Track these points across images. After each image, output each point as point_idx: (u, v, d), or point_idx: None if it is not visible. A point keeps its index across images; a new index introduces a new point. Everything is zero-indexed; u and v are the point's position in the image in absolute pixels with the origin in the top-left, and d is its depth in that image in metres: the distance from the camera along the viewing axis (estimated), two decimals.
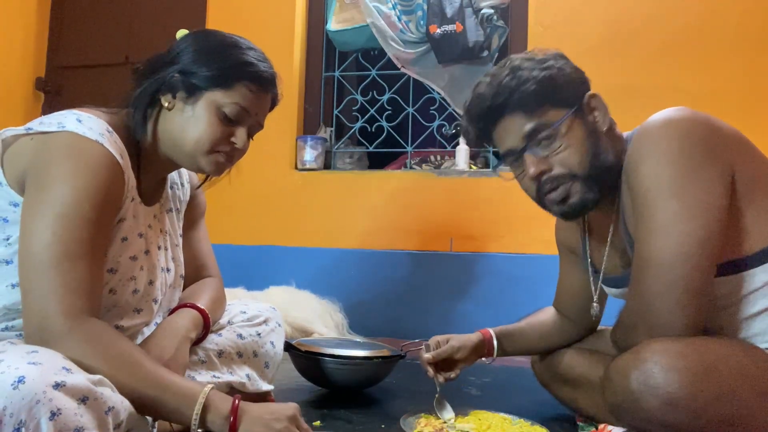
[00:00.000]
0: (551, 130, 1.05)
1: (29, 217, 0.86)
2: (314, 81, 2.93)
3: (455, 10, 2.56)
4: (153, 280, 1.06)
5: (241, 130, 1.03)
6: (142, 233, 1.04)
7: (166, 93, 1.01)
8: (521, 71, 1.07)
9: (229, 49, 1.02)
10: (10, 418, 0.67)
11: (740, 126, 1.05)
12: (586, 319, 1.37)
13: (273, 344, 1.30)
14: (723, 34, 2.38)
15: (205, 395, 0.85)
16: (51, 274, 0.83)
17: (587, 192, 1.07)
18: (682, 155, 0.96)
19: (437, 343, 1.34)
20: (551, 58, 1.10)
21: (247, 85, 1.01)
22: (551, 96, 1.06)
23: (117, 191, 0.93)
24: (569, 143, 1.06)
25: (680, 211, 0.95)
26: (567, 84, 1.08)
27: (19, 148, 0.91)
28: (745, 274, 0.99)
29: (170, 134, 1.02)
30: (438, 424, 1.17)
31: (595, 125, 1.09)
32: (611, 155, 1.08)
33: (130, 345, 0.87)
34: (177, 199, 1.19)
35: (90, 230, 0.87)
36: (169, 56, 1.03)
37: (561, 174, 1.06)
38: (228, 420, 0.85)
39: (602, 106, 1.11)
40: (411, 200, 2.64)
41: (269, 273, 2.61)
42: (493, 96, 1.08)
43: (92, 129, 0.91)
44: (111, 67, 3.08)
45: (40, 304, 0.82)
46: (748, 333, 1.01)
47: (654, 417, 0.90)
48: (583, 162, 1.06)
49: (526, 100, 1.05)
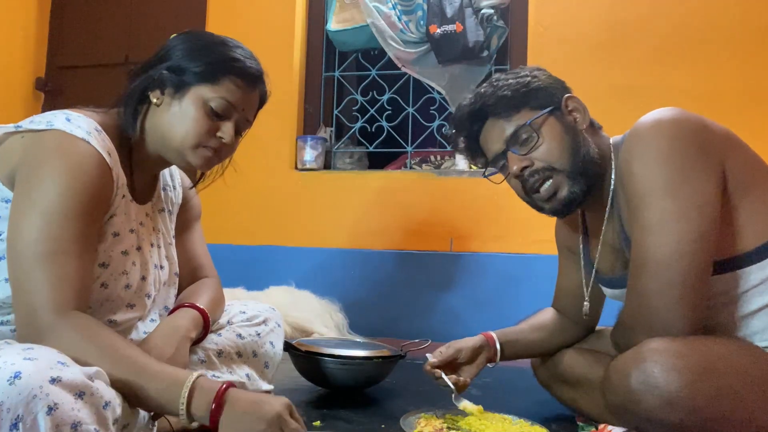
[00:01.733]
0: (529, 128, 1.12)
1: (17, 215, 0.88)
2: (314, 81, 2.93)
3: (455, 10, 2.57)
4: (145, 276, 1.07)
5: (227, 124, 1.04)
6: (133, 229, 1.05)
7: (155, 89, 1.03)
8: (497, 81, 1.16)
9: (217, 46, 1.05)
10: (7, 413, 0.67)
11: (738, 126, 1.06)
12: (586, 317, 1.38)
13: (272, 344, 1.30)
14: (722, 35, 2.38)
15: (191, 381, 0.83)
16: (37, 270, 0.84)
17: (573, 185, 1.11)
18: (674, 154, 0.97)
19: (440, 352, 1.31)
20: (527, 69, 1.18)
21: (234, 80, 1.03)
22: (525, 100, 1.13)
23: (105, 188, 0.95)
24: (547, 139, 1.12)
25: (675, 210, 0.96)
26: (542, 88, 1.15)
27: (10, 145, 0.93)
28: (741, 272, 1.00)
29: (158, 130, 1.03)
30: (438, 424, 1.17)
31: (575, 124, 1.14)
32: (592, 149, 1.12)
33: (115, 336, 0.87)
34: (169, 201, 1.20)
35: (76, 227, 0.88)
36: (160, 55, 1.06)
37: (542, 167, 1.11)
38: (209, 407, 0.82)
39: (581, 107, 1.16)
40: (411, 200, 2.64)
41: (269, 273, 2.61)
42: (471, 104, 1.17)
43: (80, 127, 0.92)
44: (111, 67, 3.08)
45: (27, 300, 0.84)
46: (746, 331, 1.02)
47: (654, 416, 0.90)
48: (562, 155, 1.11)
49: (503, 105, 1.13)
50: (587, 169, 1.11)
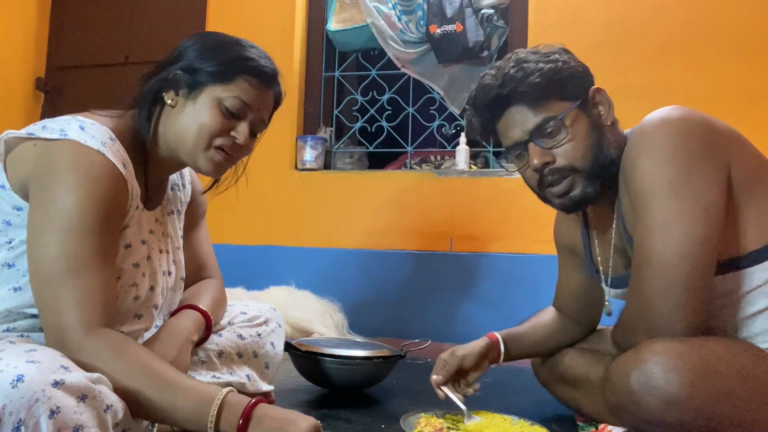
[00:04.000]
0: (556, 123, 1.06)
1: (35, 233, 0.87)
2: (314, 81, 2.93)
3: (455, 10, 2.56)
4: (154, 286, 1.06)
5: (242, 124, 1.03)
6: (144, 239, 1.04)
7: (169, 90, 1.02)
8: (527, 63, 1.07)
9: (231, 46, 1.04)
10: (9, 416, 0.67)
11: (740, 125, 1.05)
12: (588, 317, 1.38)
13: (273, 345, 1.30)
14: (723, 34, 2.38)
15: (220, 398, 0.83)
16: (62, 289, 0.83)
17: (588, 186, 1.08)
18: (679, 154, 0.96)
19: (443, 362, 1.29)
20: (556, 52, 1.09)
21: (248, 79, 1.02)
22: (556, 89, 1.06)
23: (121, 201, 0.94)
24: (573, 136, 1.06)
25: (679, 210, 0.95)
26: (571, 77, 1.08)
27: (22, 152, 0.91)
28: (744, 273, 0.99)
29: (172, 130, 1.03)
30: (438, 424, 1.17)
31: (599, 119, 1.10)
32: (613, 150, 1.08)
33: (144, 352, 0.87)
34: (178, 201, 1.19)
35: (96, 241, 0.87)
36: (173, 56, 1.05)
37: (564, 166, 1.07)
38: (237, 423, 0.82)
39: (606, 101, 1.11)
40: (411, 200, 2.64)
41: (269, 273, 2.61)
42: (499, 87, 1.08)
43: (95, 137, 0.90)
44: (111, 67, 3.08)
45: (56, 320, 0.83)
46: (748, 333, 1.01)
47: (654, 417, 0.90)
48: (586, 156, 1.07)
49: (531, 93, 1.05)
50: (605, 170, 1.08)
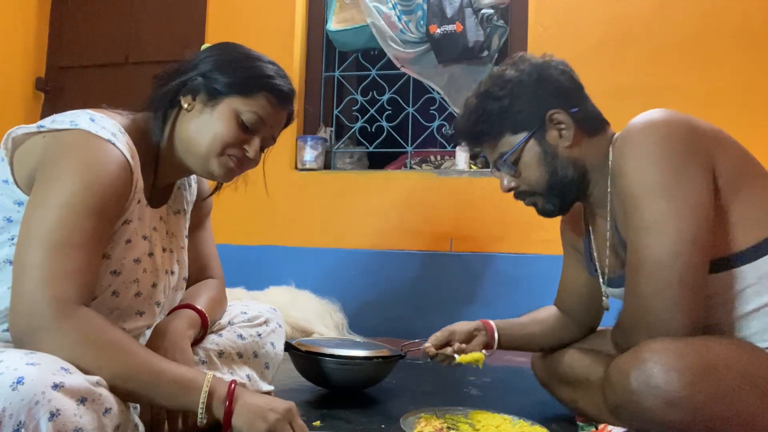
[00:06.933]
0: (510, 156, 1.16)
1: (34, 205, 0.87)
2: (314, 81, 2.93)
3: (455, 10, 2.57)
4: (156, 283, 1.06)
5: (255, 139, 1.05)
6: (146, 235, 1.04)
7: (187, 95, 1.03)
8: (479, 107, 1.17)
9: (253, 61, 1.06)
10: (9, 419, 0.67)
11: (738, 126, 1.06)
12: (588, 317, 1.38)
13: (273, 345, 1.30)
14: (723, 35, 2.38)
15: (209, 382, 0.86)
16: (46, 259, 0.82)
17: (548, 203, 1.18)
18: (665, 155, 0.98)
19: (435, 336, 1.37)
20: (510, 80, 1.16)
21: (267, 96, 1.04)
22: (505, 126, 1.16)
23: (124, 190, 0.94)
24: (527, 165, 1.16)
25: (668, 210, 0.96)
26: (522, 110, 1.15)
27: (30, 146, 0.92)
28: (736, 271, 1.00)
29: (186, 134, 1.03)
30: (438, 424, 1.17)
31: (558, 141, 1.15)
32: (572, 169, 1.15)
33: (120, 333, 0.86)
34: (184, 200, 1.20)
35: (92, 222, 0.87)
36: (192, 63, 1.06)
37: (526, 191, 1.19)
38: (224, 403, 0.86)
39: (565, 121, 1.15)
40: (411, 200, 2.64)
41: (269, 273, 2.61)
42: (464, 128, 1.23)
43: (105, 128, 0.91)
44: (111, 67, 3.08)
45: (31, 289, 0.81)
46: (745, 332, 1.02)
47: (654, 417, 0.90)
48: (540, 180, 1.16)
49: (485, 135, 1.19)
50: (566, 188, 1.16)
